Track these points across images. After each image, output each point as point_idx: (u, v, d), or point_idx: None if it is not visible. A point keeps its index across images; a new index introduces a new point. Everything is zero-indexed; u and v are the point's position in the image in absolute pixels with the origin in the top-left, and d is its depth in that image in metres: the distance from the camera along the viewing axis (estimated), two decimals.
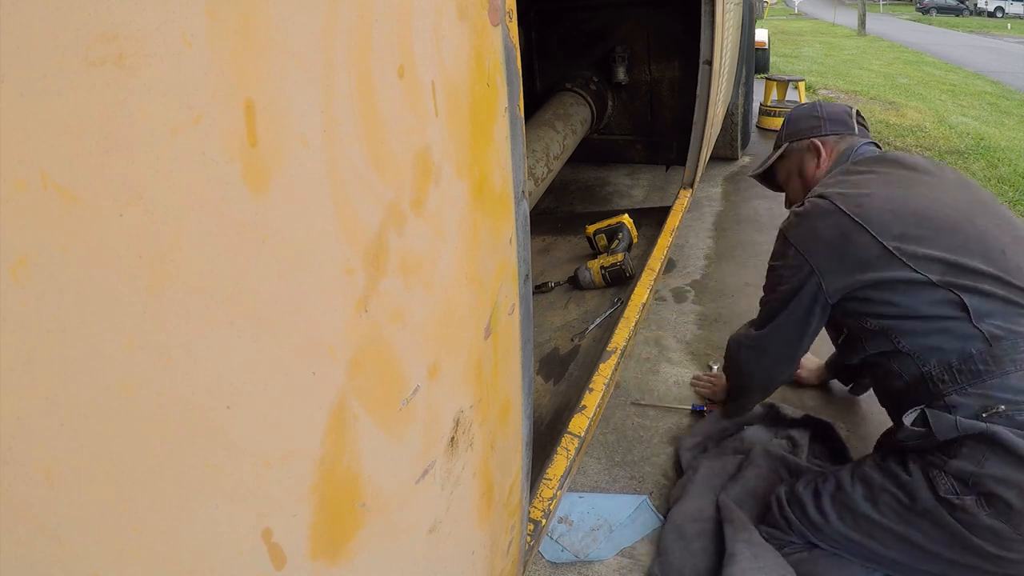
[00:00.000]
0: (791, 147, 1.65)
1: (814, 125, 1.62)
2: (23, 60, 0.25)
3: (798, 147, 1.64)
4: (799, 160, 1.64)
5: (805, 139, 1.62)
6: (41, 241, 0.27)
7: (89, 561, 0.31)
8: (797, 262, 1.38)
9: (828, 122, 1.60)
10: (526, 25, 3.12)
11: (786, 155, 1.66)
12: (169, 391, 0.33)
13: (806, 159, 1.62)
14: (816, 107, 1.66)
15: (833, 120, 1.61)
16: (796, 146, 1.64)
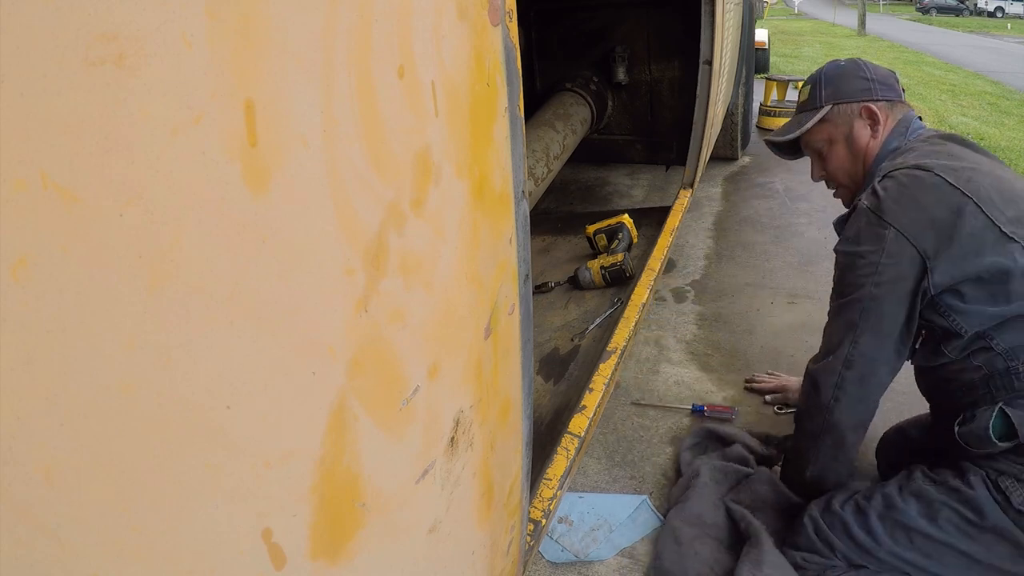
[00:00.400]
0: (836, 110, 1.39)
1: (864, 87, 1.38)
2: (23, 60, 0.25)
3: (846, 111, 1.38)
4: (847, 126, 1.39)
5: (855, 102, 1.38)
6: (41, 241, 0.27)
7: (89, 561, 0.31)
8: (898, 247, 1.15)
9: (880, 85, 1.38)
10: (526, 25, 3.12)
11: (828, 119, 1.40)
12: (169, 391, 0.33)
13: (857, 126, 1.38)
14: (861, 66, 1.42)
15: (884, 84, 1.39)
16: (843, 110, 1.39)
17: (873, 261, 1.19)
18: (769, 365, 2.18)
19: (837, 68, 1.44)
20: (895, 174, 1.22)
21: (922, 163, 1.20)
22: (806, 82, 1.47)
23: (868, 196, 1.24)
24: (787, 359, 2.21)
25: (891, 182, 1.21)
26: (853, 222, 1.26)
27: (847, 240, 1.26)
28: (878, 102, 1.37)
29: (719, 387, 2.10)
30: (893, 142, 1.35)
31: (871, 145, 1.38)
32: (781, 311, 2.49)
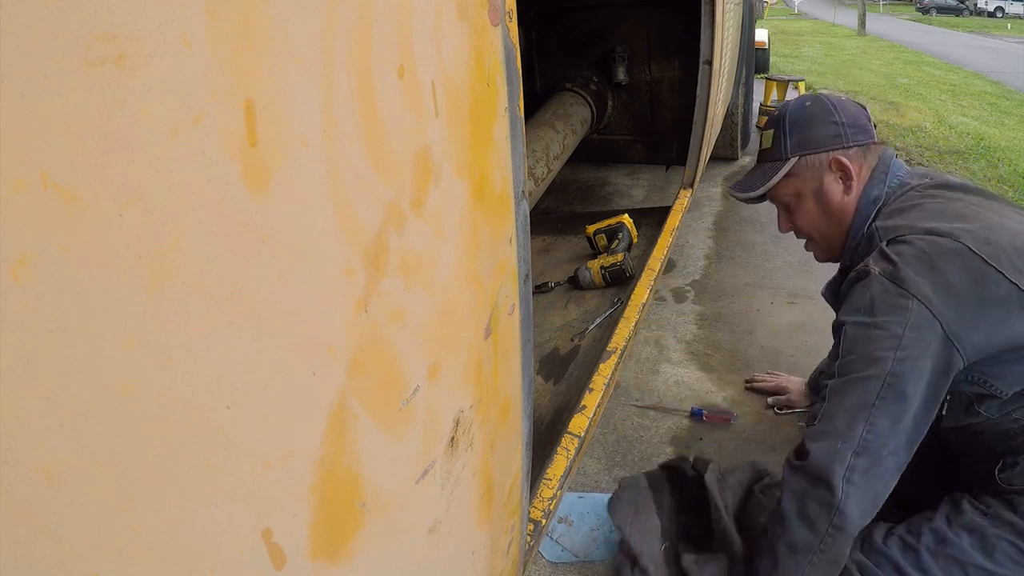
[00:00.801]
0: (803, 162, 1.27)
1: (834, 133, 1.25)
2: (23, 60, 0.25)
3: (814, 163, 1.27)
4: (816, 180, 1.28)
5: (824, 151, 1.26)
6: (41, 241, 0.27)
7: (89, 561, 0.31)
8: (921, 319, 1.02)
9: (851, 128, 1.25)
10: (526, 25, 3.12)
11: (795, 172, 1.28)
12: (169, 391, 0.33)
13: (828, 180, 1.27)
14: (828, 107, 1.27)
15: (855, 126, 1.26)
16: (810, 162, 1.27)
17: (895, 333, 1.03)
18: (769, 365, 2.18)
19: (802, 111, 1.29)
20: (909, 239, 1.09)
21: (936, 227, 1.08)
22: (768, 124, 1.34)
23: (878, 262, 1.10)
24: (787, 359, 2.21)
25: (907, 248, 1.07)
26: (863, 291, 1.09)
27: (858, 310, 1.09)
28: (849, 149, 1.25)
29: (719, 387, 2.10)
30: (873, 191, 1.24)
31: (845, 201, 1.27)
32: (781, 311, 2.49)
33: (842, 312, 1.14)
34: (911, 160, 4.98)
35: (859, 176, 1.26)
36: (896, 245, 1.10)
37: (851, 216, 1.27)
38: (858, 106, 1.30)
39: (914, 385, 1.03)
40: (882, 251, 1.11)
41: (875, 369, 1.04)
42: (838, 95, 1.30)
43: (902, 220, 1.15)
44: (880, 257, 1.11)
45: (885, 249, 1.11)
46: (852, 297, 1.12)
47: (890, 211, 1.20)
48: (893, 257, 1.08)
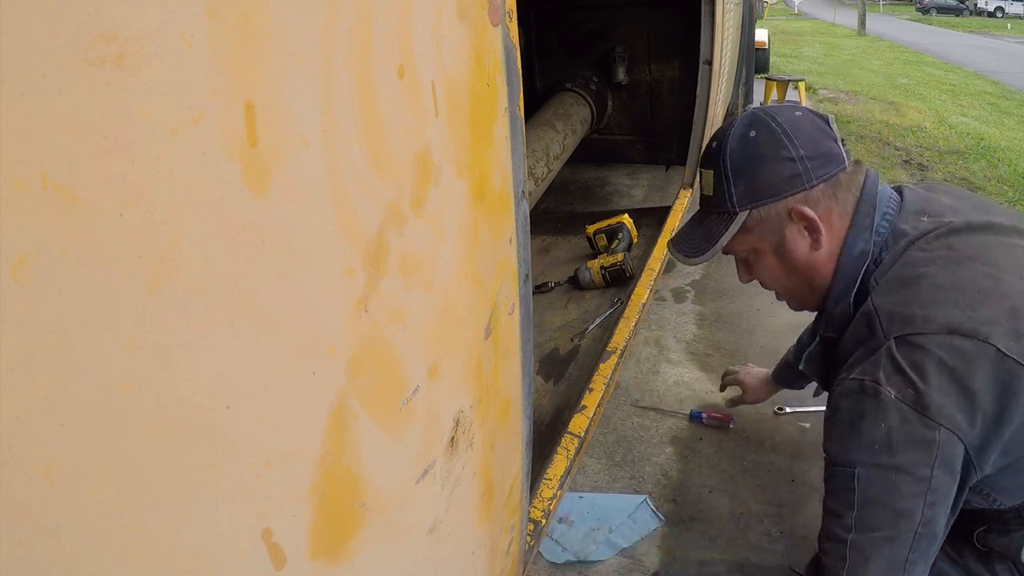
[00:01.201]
0: (756, 215, 0.99)
1: (790, 174, 0.95)
2: (23, 60, 0.25)
3: (769, 215, 0.98)
4: (775, 235, 1.01)
5: (779, 200, 0.97)
6: (41, 241, 0.27)
7: (89, 561, 0.31)
8: (951, 450, 0.85)
9: (812, 161, 0.95)
10: (526, 25, 3.11)
11: (747, 228, 1.01)
12: (169, 391, 0.33)
13: (789, 235, 1.00)
14: (779, 135, 0.96)
15: (816, 157, 0.96)
16: (764, 214, 0.98)
17: (922, 476, 0.86)
18: (769, 365, 2.18)
19: (745, 147, 0.98)
20: (928, 346, 0.86)
21: (959, 324, 0.86)
22: (705, 160, 1.04)
23: (892, 378, 0.87)
24: None
25: (928, 362, 0.85)
26: (876, 419, 0.88)
27: (872, 446, 0.88)
28: (813, 190, 0.96)
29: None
30: (857, 243, 0.98)
31: (815, 257, 1.01)
32: (781, 311, 2.48)
33: (849, 442, 0.92)
34: (911, 161, 4.98)
35: (830, 224, 0.99)
36: (912, 353, 0.87)
37: (827, 275, 1.02)
38: (815, 120, 1.00)
39: (944, 519, 0.90)
40: (894, 361, 0.88)
41: (905, 524, 0.88)
42: (787, 107, 1.02)
43: (911, 304, 0.90)
44: (893, 370, 0.87)
45: (898, 359, 0.87)
46: (862, 425, 0.89)
47: (889, 280, 0.95)
48: (912, 376, 0.86)
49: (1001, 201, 4.19)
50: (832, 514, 0.95)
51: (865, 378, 0.90)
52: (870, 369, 0.90)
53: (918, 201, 1.01)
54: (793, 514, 1.59)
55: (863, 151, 5.24)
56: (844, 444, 0.93)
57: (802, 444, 1.80)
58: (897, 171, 4.72)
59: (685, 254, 1.08)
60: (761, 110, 1.02)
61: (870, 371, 0.90)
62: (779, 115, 0.99)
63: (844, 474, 0.92)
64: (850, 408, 0.92)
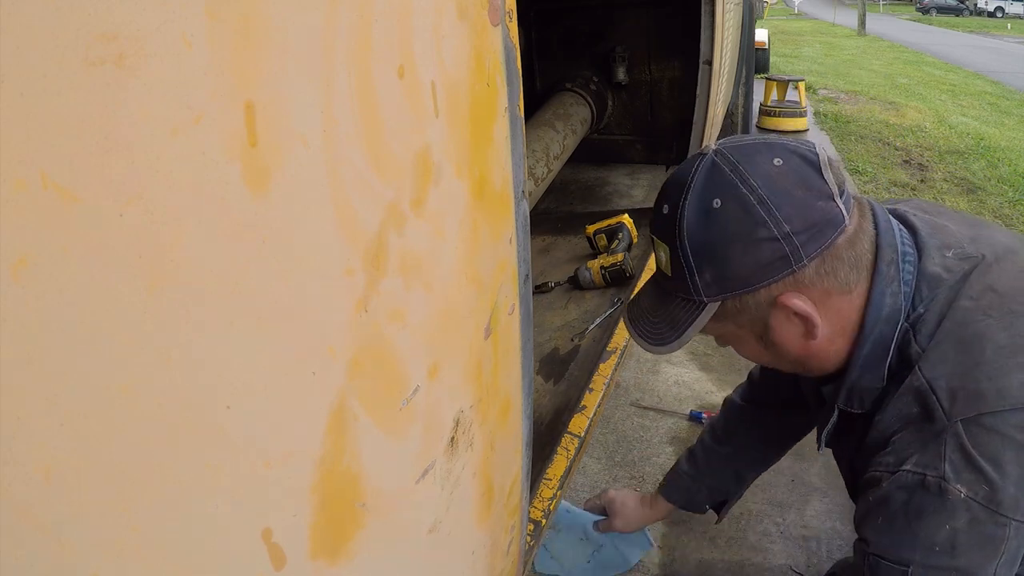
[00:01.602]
0: (729, 306, 0.79)
1: (775, 255, 0.74)
2: (23, 60, 0.25)
3: (747, 305, 0.79)
4: (758, 325, 0.82)
5: (756, 290, 0.77)
6: (41, 241, 0.27)
7: (89, 561, 0.31)
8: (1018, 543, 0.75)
9: (800, 236, 0.73)
10: (526, 25, 3.11)
11: (720, 316, 0.81)
12: (169, 391, 0.33)
13: (776, 324, 0.81)
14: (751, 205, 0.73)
15: (807, 229, 0.73)
16: (741, 304, 0.79)
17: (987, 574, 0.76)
18: None
19: (708, 226, 0.75)
20: (1000, 427, 0.73)
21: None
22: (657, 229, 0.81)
23: (962, 474, 0.73)
24: None
25: (1007, 448, 0.73)
26: (939, 518, 0.75)
27: (929, 549, 0.76)
28: (804, 271, 0.75)
29: (719, 387, 2.10)
30: (885, 300, 0.79)
31: (815, 347, 0.82)
32: None
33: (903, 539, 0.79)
34: (911, 161, 4.98)
35: (828, 306, 0.79)
36: (987, 439, 0.73)
37: (836, 355, 0.85)
38: (801, 170, 0.74)
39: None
40: (965, 452, 0.73)
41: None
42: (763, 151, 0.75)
43: (977, 375, 0.75)
44: (965, 465, 0.73)
45: (970, 450, 0.73)
46: (922, 525, 0.76)
47: (941, 345, 0.78)
48: (988, 470, 0.72)
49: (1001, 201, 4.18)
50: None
51: (928, 473, 0.75)
52: (932, 461, 0.75)
53: (930, 231, 0.84)
54: (793, 514, 1.59)
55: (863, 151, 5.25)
56: (898, 540, 0.80)
57: (802, 444, 1.80)
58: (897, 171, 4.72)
59: (647, 340, 0.86)
60: (726, 159, 0.76)
61: (933, 463, 0.75)
62: (752, 170, 0.74)
63: (892, 570, 0.80)
64: (906, 503, 0.78)
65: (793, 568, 1.46)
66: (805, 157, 0.76)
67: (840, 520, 1.56)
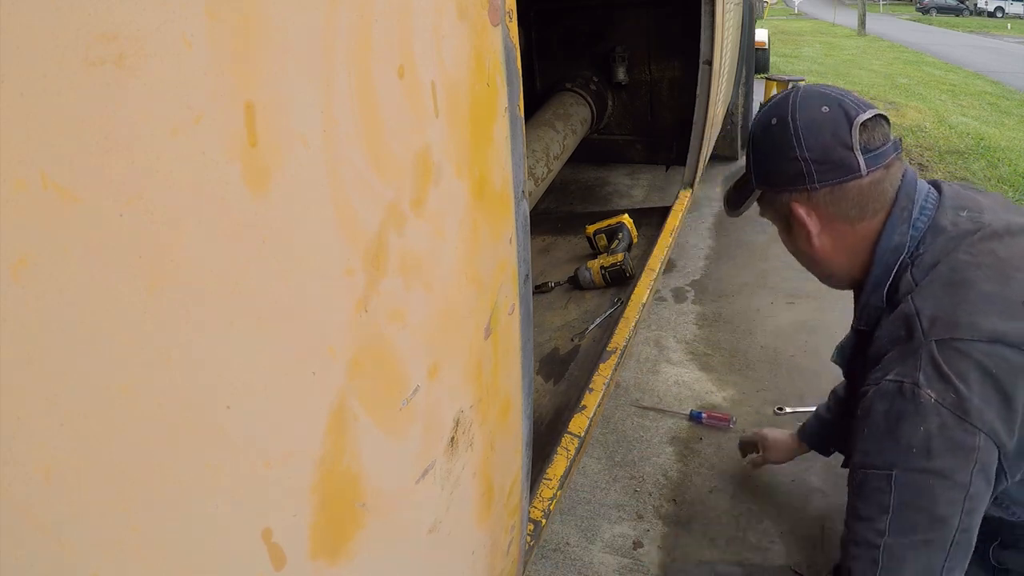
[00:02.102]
0: (767, 197, 1.07)
1: (794, 173, 0.98)
2: (23, 60, 0.25)
3: (777, 201, 1.05)
4: (783, 220, 1.07)
5: (784, 192, 1.02)
6: (41, 241, 0.27)
7: (89, 561, 0.31)
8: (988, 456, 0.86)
9: (817, 166, 0.96)
10: (526, 25, 3.12)
11: (764, 202, 1.09)
12: (169, 391, 0.33)
13: (794, 222, 1.04)
14: (790, 134, 0.97)
15: (824, 163, 0.96)
16: (773, 199, 1.05)
17: (961, 482, 0.86)
18: (769, 365, 2.19)
19: (764, 134, 1.03)
20: (970, 351, 0.86)
21: (1004, 333, 0.86)
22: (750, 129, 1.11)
23: (933, 383, 0.86)
24: (787, 359, 2.21)
25: (970, 368, 0.85)
26: (915, 422, 0.87)
27: (911, 450, 0.87)
28: (816, 192, 0.97)
29: (719, 387, 2.10)
30: (893, 236, 0.98)
31: (816, 249, 1.04)
32: (781, 311, 2.49)
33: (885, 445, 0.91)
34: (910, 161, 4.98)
35: (830, 227, 1.01)
36: (955, 357, 0.86)
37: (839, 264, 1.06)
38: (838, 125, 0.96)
39: (977, 524, 0.89)
40: (936, 364, 0.87)
41: (942, 530, 0.87)
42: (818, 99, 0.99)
43: (956, 310, 0.89)
44: (935, 374, 0.87)
45: (940, 363, 0.87)
46: (900, 428, 0.89)
47: (933, 283, 0.93)
48: (955, 381, 0.85)
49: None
50: (861, 518, 0.94)
51: (904, 380, 0.89)
52: (909, 371, 0.89)
53: (955, 196, 1.01)
54: (793, 514, 1.59)
55: None
56: (880, 447, 0.91)
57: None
58: None
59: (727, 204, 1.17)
60: (796, 95, 1.01)
61: (909, 373, 0.89)
62: (803, 110, 0.98)
63: (878, 477, 0.91)
64: (887, 410, 0.90)
65: (793, 568, 1.46)
66: (847, 114, 0.95)
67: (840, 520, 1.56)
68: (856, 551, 0.94)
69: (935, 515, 0.87)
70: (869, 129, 0.96)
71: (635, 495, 1.69)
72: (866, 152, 0.95)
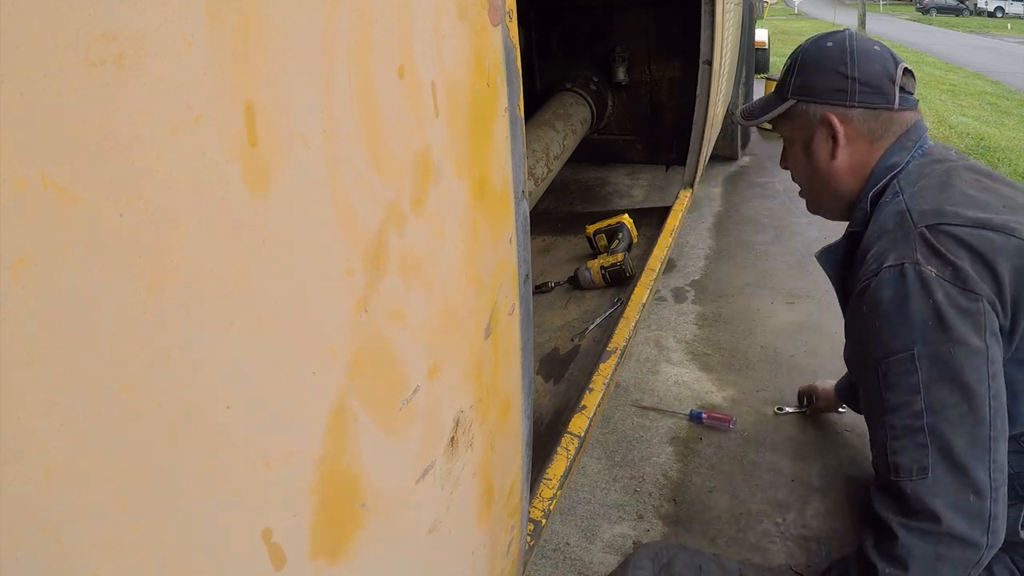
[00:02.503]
0: (800, 108, 1.13)
1: (838, 87, 1.08)
2: (23, 60, 0.25)
3: (809, 112, 1.12)
4: (807, 132, 1.14)
5: (820, 103, 1.10)
6: (41, 241, 0.27)
7: (89, 561, 0.31)
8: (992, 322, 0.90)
9: (862, 86, 1.07)
10: (526, 25, 3.12)
11: (792, 115, 1.15)
12: (169, 391, 0.33)
13: (818, 137, 1.13)
14: (846, 54, 1.08)
15: (868, 85, 1.07)
16: (806, 110, 1.12)
17: (978, 347, 0.88)
18: (769, 365, 2.19)
19: (818, 51, 1.13)
20: (958, 232, 0.93)
21: (988, 219, 0.94)
22: (792, 53, 1.21)
23: (930, 260, 0.92)
24: (787, 359, 2.21)
25: (959, 246, 0.92)
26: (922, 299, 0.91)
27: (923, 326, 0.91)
28: (851, 110, 1.08)
29: (719, 387, 2.10)
30: (892, 156, 1.10)
31: (833, 166, 1.13)
32: (781, 311, 2.49)
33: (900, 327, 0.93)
34: None
35: (855, 144, 1.10)
36: (944, 239, 0.93)
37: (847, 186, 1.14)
38: (887, 61, 1.08)
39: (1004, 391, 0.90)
40: (929, 244, 0.93)
41: (976, 398, 0.89)
42: (874, 41, 1.13)
43: (943, 204, 0.98)
44: (931, 252, 0.93)
45: (933, 243, 0.93)
46: (910, 306, 0.92)
47: (921, 188, 1.03)
48: (949, 256, 0.91)
49: None
50: (895, 409, 0.94)
51: (904, 261, 0.94)
52: (907, 252, 0.95)
53: (950, 148, 1.15)
54: (793, 514, 1.59)
55: None
56: (895, 330, 0.94)
57: (802, 444, 1.80)
58: None
59: (743, 115, 1.24)
60: (847, 32, 1.15)
61: (907, 254, 0.95)
62: (860, 41, 1.11)
63: (901, 361, 0.93)
64: (893, 295, 0.94)
65: (793, 568, 1.46)
66: (894, 57, 1.10)
67: (840, 520, 1.56)
68: (897, 444, 0.92)
69: (964, 385, 0.89)
70: (908, 76, 1.10)
71: (635, 495, 1.69)
72: (901, 91, 1.08)
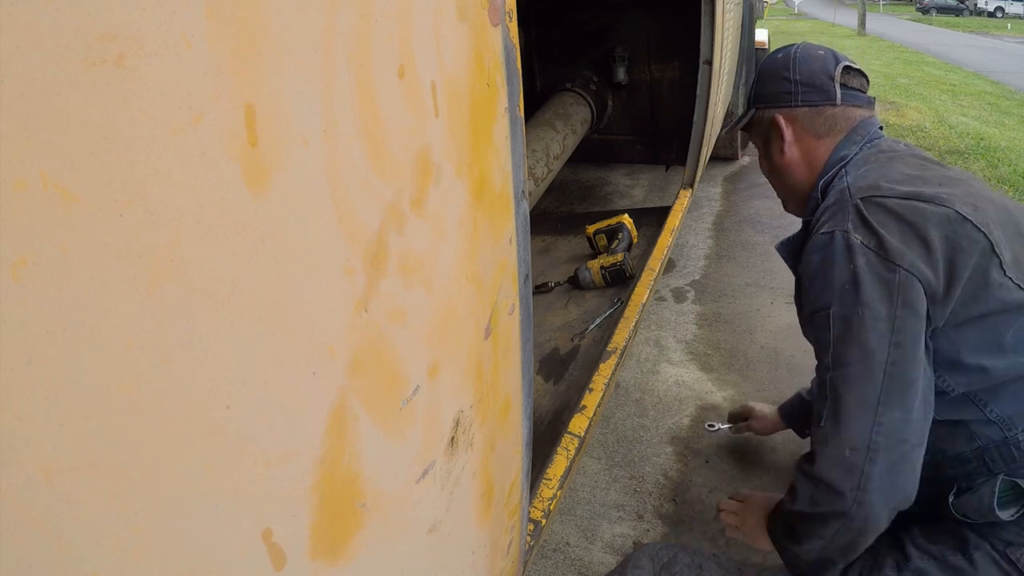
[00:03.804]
0: (757, 116, 1.25)
1: (782, 91, 1.19)
2: (23, 60, 0.25)
3: (763, 118, 1.24)
4: (764, 137, 1.25)
5: (771, 108, 1.21)
6: (41, 241, 0.27)
7: (89, 561, 0.31)
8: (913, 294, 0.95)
9: (802, 87, 1.17)
10: (526, 25, 3.12)
11: (753, 123, 1.27)
12: (169, 391, 0.33)
13: (771, 139, 1.23)
14: (788, 60, 1.20)
15: (809, 85, 1.17)
16: (762, 116, 1.24)
17: (885, 314, 0.94)
18: (769, 365, 2.19)
19: (769, 62, 1.24)
20: (888, 204, 1.00)
21: (920, 192, 1.00)
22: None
23: (859, 229, 0.99)
24: (787, 359, 2.21)
25: (890, 217, 0.98)
26: (843, 263, 0.99)
27: (841, 288, 0.98)
28: (796, 109, 1.18)
29: (719, 387, 2.10)
30: (842, 150, 1.16)
31: (783, 162, 1.22)
32: (781, 311, 2.49)
33: (823, 288, 1.01)
34: None
35: (802, 140, 1.19)
36: (875, 210, 1.00)
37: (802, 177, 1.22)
38: (827, 62, 1.17)
39: (915, 368, 0.94)
40: (860, 215, 1.00)
41: (872, 361, 0.95)
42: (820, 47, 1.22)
43: (879, 179, 1.05)
44: (860, 223, 1.00)
45: (864, 213, 1.00)
46: (833, 270, 1.00)
47: (864, 170, 1.10)
48: (877, 227, 0.98)
49: None
50: (817, 361, 1.05)
51: (835, 229, 1.02)
52: (839, 221, 1.03)
53: (900, 141, 1.21)
54: None
55: None
56: (819, 290, 1.03)
57: (802, 444, 1.81)
58: None
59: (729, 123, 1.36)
60: (800, 43, 1.26)
61: (839, 223, 1.03)
62: (804, 48, 1.22)
63: (822, 317, 1.02)
64: (822, 258, 1.03)
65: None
66: (836, 58, 1.19)
67: None
68: (816, 391, 1.04)
69: (865, 345, 0.95)
70: (849, 73, 1.18)
71: (635, 495, 1.69)
72: (843, 88, 1.17)
